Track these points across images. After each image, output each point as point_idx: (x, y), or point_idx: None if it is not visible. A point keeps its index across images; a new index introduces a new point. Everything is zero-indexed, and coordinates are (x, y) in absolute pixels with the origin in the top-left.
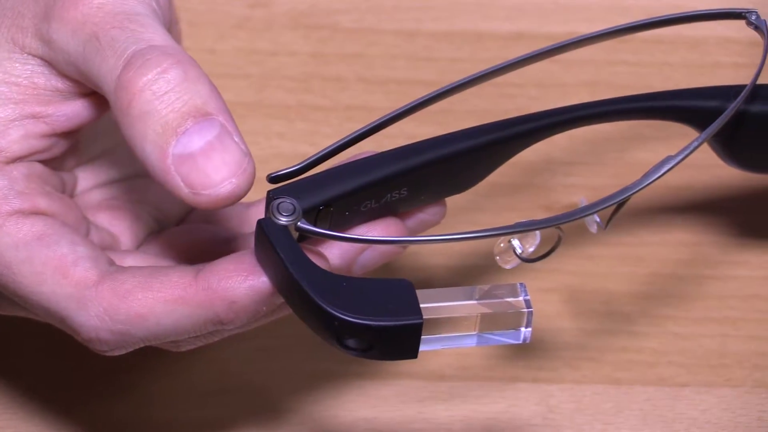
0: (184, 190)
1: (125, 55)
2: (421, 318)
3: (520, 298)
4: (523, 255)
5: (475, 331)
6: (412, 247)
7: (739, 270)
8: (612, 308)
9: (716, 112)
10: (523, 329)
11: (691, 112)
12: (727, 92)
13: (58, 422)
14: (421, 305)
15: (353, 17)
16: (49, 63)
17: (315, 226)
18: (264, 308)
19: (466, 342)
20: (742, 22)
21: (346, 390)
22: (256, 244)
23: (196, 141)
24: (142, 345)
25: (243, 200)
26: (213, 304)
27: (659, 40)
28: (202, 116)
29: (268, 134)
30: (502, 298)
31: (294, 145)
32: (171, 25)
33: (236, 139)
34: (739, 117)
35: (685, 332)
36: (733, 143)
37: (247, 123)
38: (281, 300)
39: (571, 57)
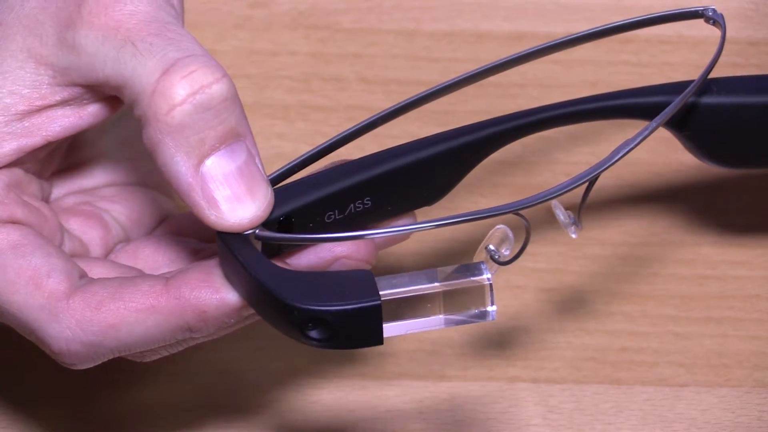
0: (206, 212)
1: (167, 59)
2: (379, 299)
3: (483, 277)
4: (500, 259)
5: (441, 314)
6: (381, 257)
7: (739, 270)
8: (612, 308)
9: (682, 108)
10: (488, 308)
11: (652, 107)
12: (685, 87)
13: (59, 424)
14: (383, 291)
15: (353, 17)
16: (62, 73)
17: (279, 246)
18: (232, 320)
19: (433, 324)
20: (741, 23)
21: (348, 390)
22: (219, 254)
23: (226, 164)
24: (111, 357)
25: None
26: (184, 313)
27: (660, 41)
28: (233, 137)
29: (268, 134)
30: (464, 278)
31: (294, 146)
32: None
33: (258, 164)
34: (694, 109)
35: (685, 332)
36: (697, 137)
37: None
38: (249, 312)
39: (572, 57)
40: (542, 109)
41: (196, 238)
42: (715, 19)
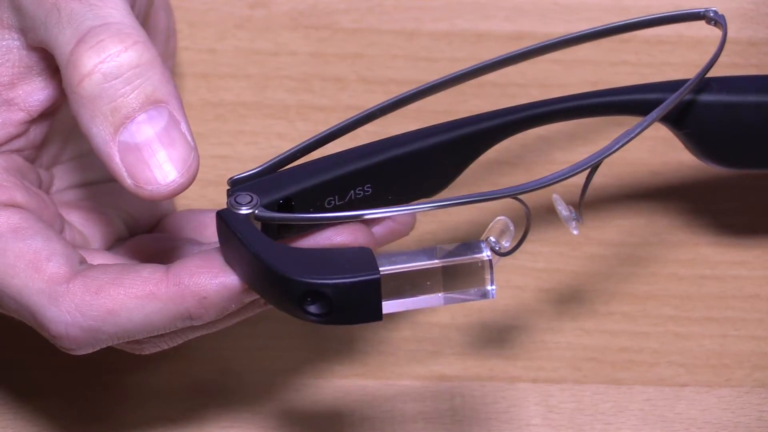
0: (127, 181)
1: (80, 30)
2: (378, 274)
3: (482, 255)
4: (501, 250)
5: (440, 292)
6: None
7: (739, 270)
8: (612, 308)
9: (680, 105)
10: (488, 286)
11: (650, 104)
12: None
13: (59, 423)
14: (382, 267)
15: (353, 17)
16: (23, 34)
17: (278, 229)
18: (233, 305)
19: (431, 301)
20: (741, 23)
21: (348, 390)
22: (218, 234)
23: (143, 131)
24: (110, 343)
25: (222, 201)
26: (184, 299)
27: (660, 41)
28: (151, 104)
29: (268, 134)
30: (464, 255)
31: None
32: (153, 17)
33: (183, 129)
34: (693, 107)
35: (685, 332)
36: (696, 135)
37: (247, 123)
38: (250, 297)
39: (572, 57)
40: (542, 103)
41: (195, 235)
42: (716, 20)
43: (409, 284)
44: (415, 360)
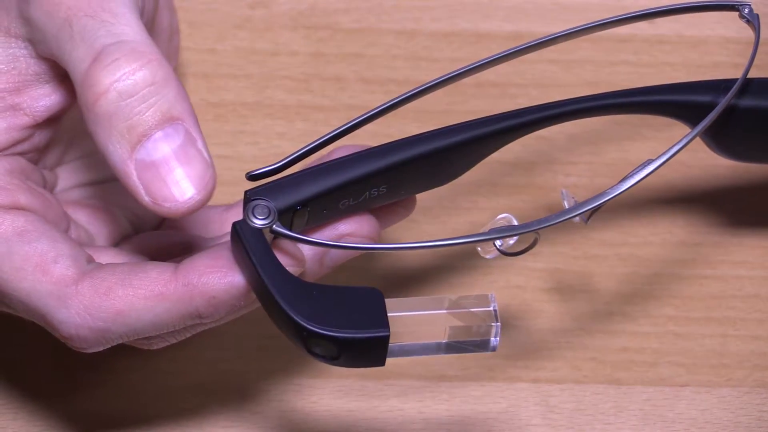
0: (144, 198)
1: (94, 48)
2: (388, 331)
3: (489, 309)
4: (503, 248)
5: (444, 340)
6: (382, 257)
7: (739, 270)
8: (612, 308)
9: (706, 107)
10: (491, 339)
11: (682, 106)
12: (717, 86)
13: (59, 423)
14: (390, 314)
15: (353, 17)
16: (31, 44)
17: (291, 225)
18: (242, 303)
19: (435, 351)
20: (742, 23)
21: (347, 390)
22: (232, 244)
23: (160, 149)
24: (120, 341)
25: (223, 202)
26: (193, 299)
27: (660, 41)
28: (167, 121)
29: (268, 134)
30: (471, 308)
31: (294, 145)
32: (157, 16)
33: (200, 147)
34: (729, 111)
35: (685, 332)
36: (724, 136)
37: (247, 123)
38: None
39: (571, 57)
40: (574, 100)
41: (200, 231)
42: (749, 18)
43: (414, 334)
44: (415, 360)
